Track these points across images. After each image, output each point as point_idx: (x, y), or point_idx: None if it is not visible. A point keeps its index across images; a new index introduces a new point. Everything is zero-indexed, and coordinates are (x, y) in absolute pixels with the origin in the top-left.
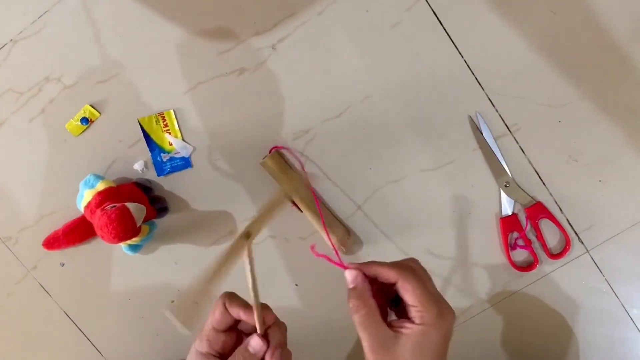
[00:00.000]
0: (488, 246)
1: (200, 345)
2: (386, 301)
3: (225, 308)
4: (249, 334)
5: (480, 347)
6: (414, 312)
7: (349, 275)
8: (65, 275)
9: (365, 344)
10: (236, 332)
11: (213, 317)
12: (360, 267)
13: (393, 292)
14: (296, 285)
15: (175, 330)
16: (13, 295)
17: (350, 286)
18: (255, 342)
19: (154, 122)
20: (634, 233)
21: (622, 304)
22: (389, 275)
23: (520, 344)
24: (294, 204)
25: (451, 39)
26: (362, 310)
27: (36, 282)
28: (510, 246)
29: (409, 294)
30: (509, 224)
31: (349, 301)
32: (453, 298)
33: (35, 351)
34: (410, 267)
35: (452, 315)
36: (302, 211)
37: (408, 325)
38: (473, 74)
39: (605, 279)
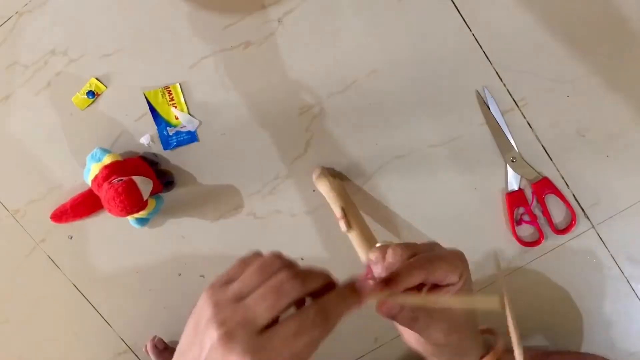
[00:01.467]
0: (493, 221)
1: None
2: None
3: None
4: None
5: (484, 321)
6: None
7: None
8: (73, 248)
9: (440, 334)
10: None
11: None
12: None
13: None
14: (302, 259)
15: (182, 303)
16: (22, 268)
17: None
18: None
19: (160, 96)
20: None
21: (627, 280)
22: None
23: (524, 319)
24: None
25: (460, 13)
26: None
27: (45, 254)
28: (515, 221)
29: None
30: (515, 199)
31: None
32: None
33: (45, 323)
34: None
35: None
36: (349, 227)
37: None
38: (481, 48)
39: (611, 255)
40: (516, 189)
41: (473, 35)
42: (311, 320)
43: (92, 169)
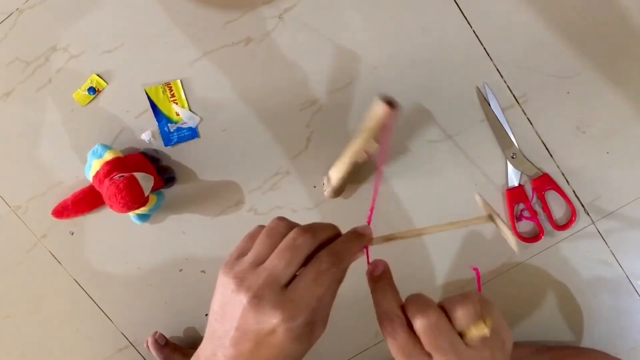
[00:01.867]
0: None
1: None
2: None
3: None
4: None
5: None
6: None
7: None
8: (74, 244)
9: None
10: None
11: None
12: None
13: None
14: None
15: (183, 298)
16: (23, 264)
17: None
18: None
19: (161, 92)
20: None
21: (626, 275)
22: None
23: (524, 315)
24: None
25: (460, 9)
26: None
27: (46, 250)
28: (516, 217)
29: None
30: (515, 195)
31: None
32: (459, 269)
33: (46, 318)
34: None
35: None
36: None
37: None
38: (482, 44)
39: (611, 251)
40: (516, 185)
41: (473, 31)
42: (326, 264)
43: (94, 165)
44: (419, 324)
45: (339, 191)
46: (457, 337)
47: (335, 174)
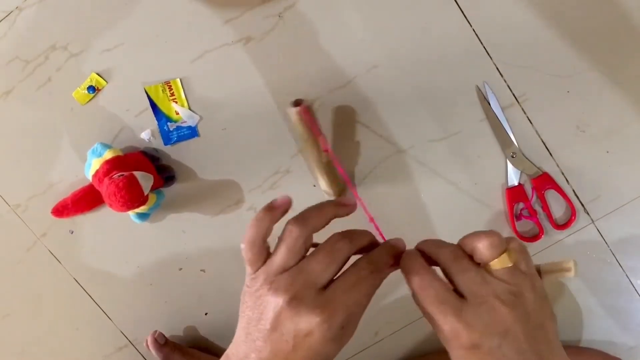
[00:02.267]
0: (493, 216)
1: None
2: None
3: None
4: None
5: None
6: None
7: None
8: (74, 243)
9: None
10: None
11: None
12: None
13: None
14: None
15: (182, 297)
16: (23, 263)
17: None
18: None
19: (161, 91)
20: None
21: (626, 275)
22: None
23: None
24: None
25: (460, 8)
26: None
27: (46, 249)
28: (515, 217)
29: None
30: (514, 194)
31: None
32: None
33: (46, 317)
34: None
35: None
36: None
37: None
38: (481, 43)
39: (610, 250)
40: (516, 184)
41: (473, 30)
42: (366, 271)
43: (93, 164)
44: (453, 250)
45: (339, 192)
46: (482, 271)
47: (322, 185)
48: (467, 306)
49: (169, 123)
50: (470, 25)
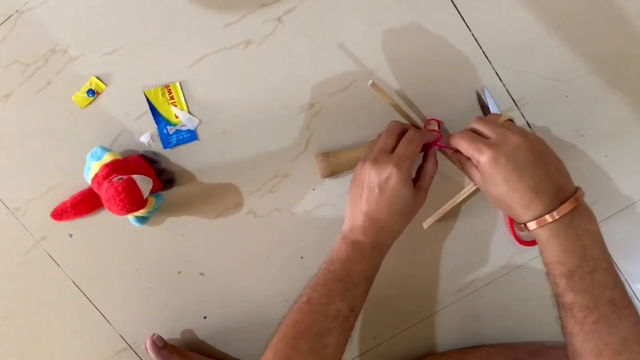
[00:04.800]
0: (493, 221)
1: (411, 169)
2: None
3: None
4: None
5: (484, 319)
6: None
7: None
8: (73, 246)
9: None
10: None
11: (418, 149)
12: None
13: None
14: (301, 257)
15: (181, 301)
16: (22, 266)
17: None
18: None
19: (160, 95)
20: (638, 208)
21: (625, 279)
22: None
23: (524, 316)
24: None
25: (459, 13)
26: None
27: (45, 252)
28: (514, 221)
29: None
30: None
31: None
32: (459, 271)
33: (45, 321)
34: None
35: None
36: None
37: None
38: (481, 47)
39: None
40: None
41: (472, 35)
42: (413, 132)
43: (93, 168)
44: (474, 122)
45: (334, 173)
46: (497, 123)
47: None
48: (491, 140)
49: (168, 126)
50: (470, 30)
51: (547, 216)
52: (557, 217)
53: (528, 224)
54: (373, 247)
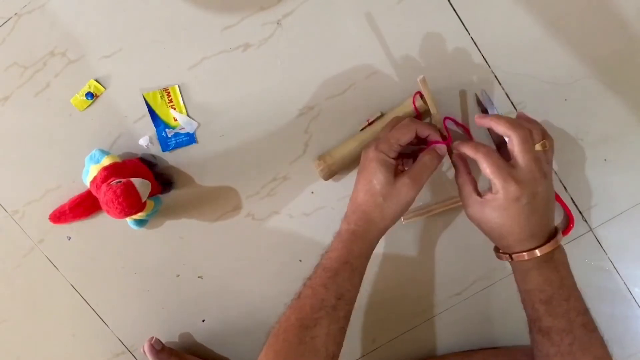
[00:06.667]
0: None
1: (389, 151)
2: None
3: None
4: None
5: (483, 322)
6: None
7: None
8: (71, 249)
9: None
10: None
11: (405, 137)
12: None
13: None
14: (300, 261)
15: (179, 304)
16: (20, 268)
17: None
18: (441, 146)
19: (159, 98)
20: (637, 212)
21: (624, 282)
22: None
23: (522, 320)
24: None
25: (458, 16)
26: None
27: (43, 255)
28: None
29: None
30: None
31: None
32: (459, 274)
33: (43, 323)
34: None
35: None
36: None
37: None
38: (479, 51)
39: (608, 258)
40: None
41: (471, 38)
42: (407, 120)
43: (91, 171)
44: (523, 117)
45: (334, 172)
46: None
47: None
48: (516, 170)
49: (167, 129)
50: (468, 33)
51: (536, 250)
52: (546, 251)
53: (515, 255)
54: (351, 232)
